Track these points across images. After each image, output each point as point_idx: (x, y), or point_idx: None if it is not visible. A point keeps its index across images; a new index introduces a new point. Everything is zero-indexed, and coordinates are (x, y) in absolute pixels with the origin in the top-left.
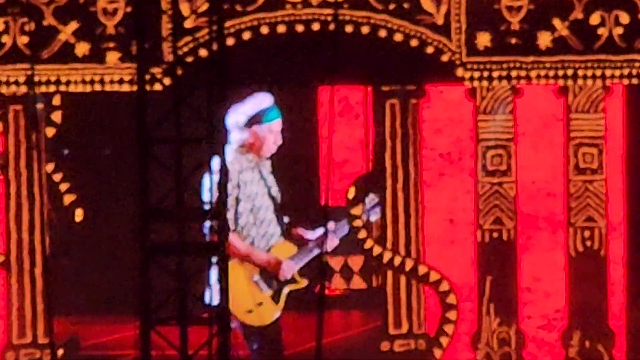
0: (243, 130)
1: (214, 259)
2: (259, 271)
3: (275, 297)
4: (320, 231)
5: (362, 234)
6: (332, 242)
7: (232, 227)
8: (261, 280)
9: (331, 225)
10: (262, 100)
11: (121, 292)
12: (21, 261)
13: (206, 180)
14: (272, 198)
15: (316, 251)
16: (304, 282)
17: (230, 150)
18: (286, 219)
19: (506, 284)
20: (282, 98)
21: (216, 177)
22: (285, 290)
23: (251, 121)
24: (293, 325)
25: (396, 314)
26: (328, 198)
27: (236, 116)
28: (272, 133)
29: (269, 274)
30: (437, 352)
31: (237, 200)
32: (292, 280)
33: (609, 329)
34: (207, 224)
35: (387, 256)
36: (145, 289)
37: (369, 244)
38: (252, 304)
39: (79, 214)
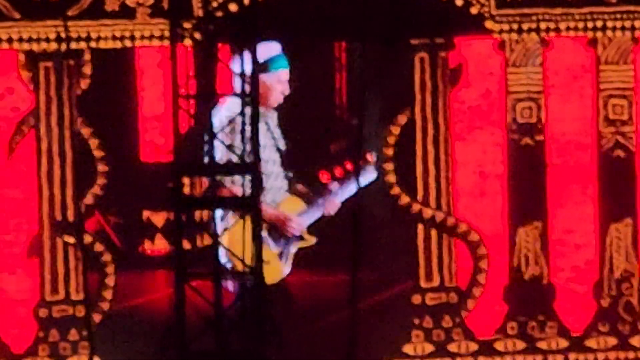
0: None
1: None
2: (267, 227)
3: (283, 255)
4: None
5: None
6: (333, 205)
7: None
8: (269, 237)
9: (334, 185)
10: (269, 48)
11: None
12: (53, 218)
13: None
14: (279, 151)
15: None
16: (312, 240)
17: (234, 100)
18: (290, 174)
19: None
20: (307, 53)
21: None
22: (293, 248)
23: (257, 69)
24: (301, 284)
25: (427, 267)
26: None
27: (241, 64)
28: (279, 83)
29: (277, 230)
30: (470, 304)
31: None
32: (301, 238)
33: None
34: (228, 178)
35: (416, 208)
36: (179, 244)
37: (395, 190)
38: (270, 257)
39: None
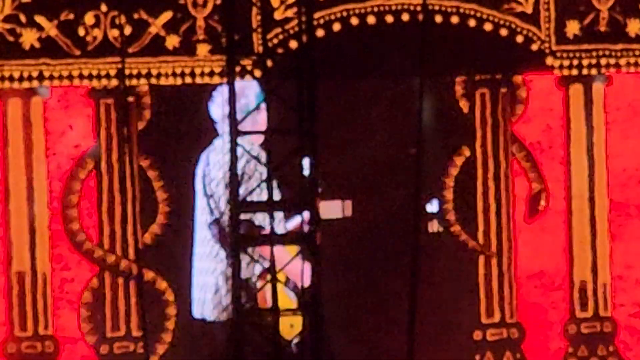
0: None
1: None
2: (285, 279)
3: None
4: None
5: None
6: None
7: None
8: (287, 289)
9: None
10: (250, 87)
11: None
12: (114, 254)
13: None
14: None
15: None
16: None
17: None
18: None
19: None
20: (371, 89)
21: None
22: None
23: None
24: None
25: (488, 303)
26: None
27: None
28: (263, 119)
29: (293, 283)
30: (531, 340)
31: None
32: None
33: None
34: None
35: (472, 244)
36: (237, 280)
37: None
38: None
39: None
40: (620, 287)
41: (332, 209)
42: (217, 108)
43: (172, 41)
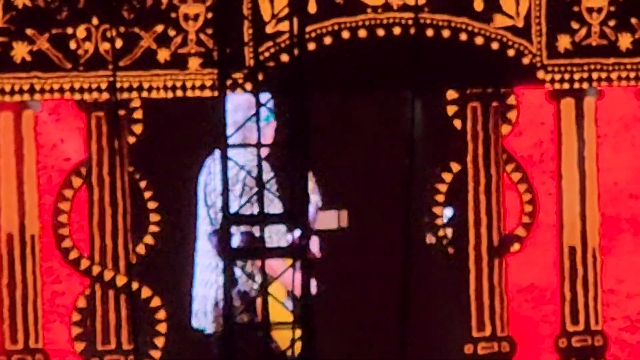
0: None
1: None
2: (286, 292)
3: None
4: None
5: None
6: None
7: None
8: (289, 302)
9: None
10: (263, 99)
11: None
12: (104, 268)
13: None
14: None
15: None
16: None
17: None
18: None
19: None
20: (362, 103)
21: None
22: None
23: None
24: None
25: (479, 316)
26: None
27: (234, 114)
28: (272, 132)
29: (294, 295)
30: (522, 353)
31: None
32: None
33: None
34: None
35: (464, 257)
36: (228, 293)
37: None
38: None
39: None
40: (612, 301)
41: (327, 220)
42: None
43: (164, 54)
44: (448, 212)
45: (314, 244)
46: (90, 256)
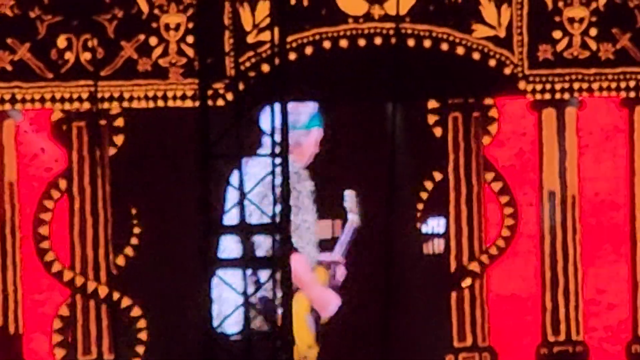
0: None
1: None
2: (310, 308)
3: (319, 339)
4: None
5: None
6: (341, 271)
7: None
8: (310, 317)
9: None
10: (305, 107)
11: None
12: (85, 278)
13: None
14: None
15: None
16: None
17: (261, 160)
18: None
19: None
20: (344, 113)
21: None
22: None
23: (287, 129)
24: None
25: (460, 326)
26: None
27: (272, 123)
28: (310, 140)
29: (316, 313)
30: None
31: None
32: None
33: None
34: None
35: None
36: (207, 305)
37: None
38: (311, 341)
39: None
40: (593, 311)
41: (322, 230)
42: (266, 119)
43: (145, 64)
44: (441, 222)
45: (340, 272)
46: (71, 266)
